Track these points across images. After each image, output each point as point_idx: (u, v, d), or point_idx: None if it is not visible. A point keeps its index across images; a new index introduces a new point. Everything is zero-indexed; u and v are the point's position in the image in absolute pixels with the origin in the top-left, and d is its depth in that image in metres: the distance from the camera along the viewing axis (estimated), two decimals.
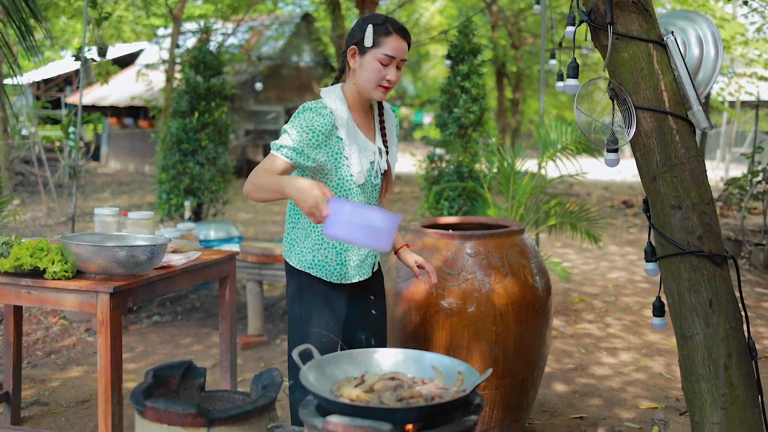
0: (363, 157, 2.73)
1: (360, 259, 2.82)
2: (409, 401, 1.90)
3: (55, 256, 2.78)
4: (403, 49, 2.64)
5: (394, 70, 2.64)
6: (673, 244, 2.52)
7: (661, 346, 5.38)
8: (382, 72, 2.63)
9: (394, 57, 2.62)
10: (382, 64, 2.62)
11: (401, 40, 2.64)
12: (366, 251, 2.84)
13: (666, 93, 2.55)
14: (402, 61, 2.65)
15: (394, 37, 2.62)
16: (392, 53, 2.61)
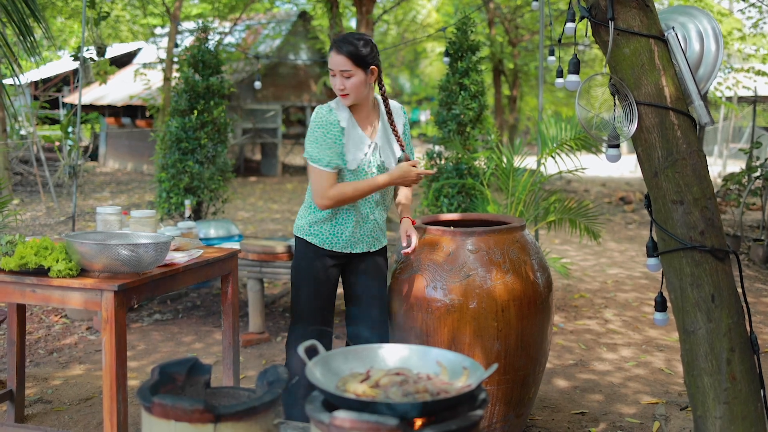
0: (357, 149, 3.25)
1: (350, 235, 3.33)
2: (415, 396, 1.91)
3: (59, 254, 2.78)
4: (336, 61, 3.11)
5: (338, 80, 3.15)
6: (675, 239, 2.54)
7: (661, 341, 5.40)
8: (334, 82, 3.17)
9: (333, 69, 3.14)
10: (332, 76, 3.17)
11: (335, 55, 3.12)
12: (360, 230, 3.34)
13: (667, 88, 2.56)
14: (342, 71, 3.12)
15: (331, 53, 3.15)
16: (331, 66, 3.16)
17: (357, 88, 3.15)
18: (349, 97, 3.18)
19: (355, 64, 3.11)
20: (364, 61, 3.13)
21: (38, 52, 5.17)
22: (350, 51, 3.11)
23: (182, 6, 13.95)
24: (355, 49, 3.11)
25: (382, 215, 3.44)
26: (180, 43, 13.07)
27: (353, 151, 3.25)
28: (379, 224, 3.42)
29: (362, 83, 3.15)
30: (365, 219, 3.35)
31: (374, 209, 3.37)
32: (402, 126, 3.45)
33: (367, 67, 3.15)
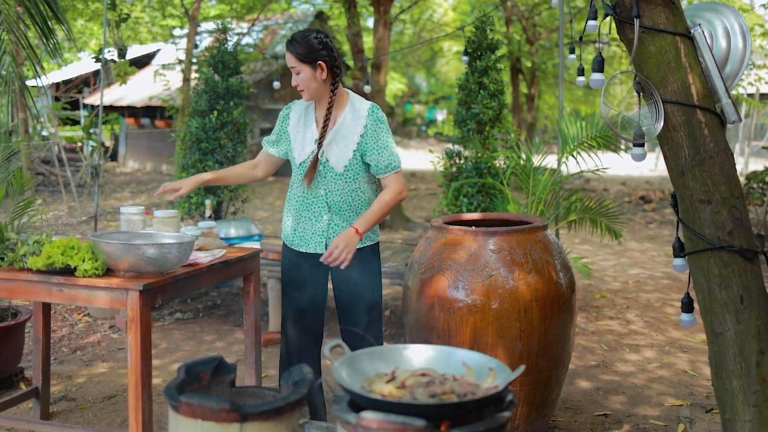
0: (305, 144, 3.28)
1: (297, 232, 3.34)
2: (441, 397, 1.90)
3: (85, 254, 2.80)
4: (287, 59, 3.17)
5: (294, 77, 3.20)
6: (703, 239, 2.51)
7: (684, 342, 5.36)
8: (293, 79, 3.23)
9: (288, 67, 3.18)
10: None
11: (287, 53, 3.17)
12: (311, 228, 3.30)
13: (694, 86, 2.54)
14: (292, 68, 3.16)
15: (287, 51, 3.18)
16: (287, 64, 3.19)
17: (306, 83, 3.16)
18: (304, 93, 3.21)
19: (299, 60, 3.14)
20: (309, 57, 3.14)
21: (60, 53, 5.21)
22: (294, 48, 3.14)
23: (200, 7, 13.99)
24: (299, 46, 3.14)
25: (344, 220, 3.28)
26: (199, 44, 13.11)
27: (299, 147, 3.29)
28: (343, 228, 3.28)
29: (310, 79, 3.16)
30: (316, 218, 3.28)
31: (326, 211, 3.27)
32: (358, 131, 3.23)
33: (314, 63, 3.14)
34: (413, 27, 22.07)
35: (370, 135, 3.22)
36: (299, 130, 3.32)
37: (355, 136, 3.22)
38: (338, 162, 3.22)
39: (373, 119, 3.23)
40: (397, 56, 23.89)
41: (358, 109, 3.26)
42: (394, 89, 28.32)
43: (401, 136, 35.69)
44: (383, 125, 3.25)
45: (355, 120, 3.23)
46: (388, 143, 3.24)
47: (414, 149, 30.40)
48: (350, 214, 3.29)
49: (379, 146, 3.22)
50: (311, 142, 3.27)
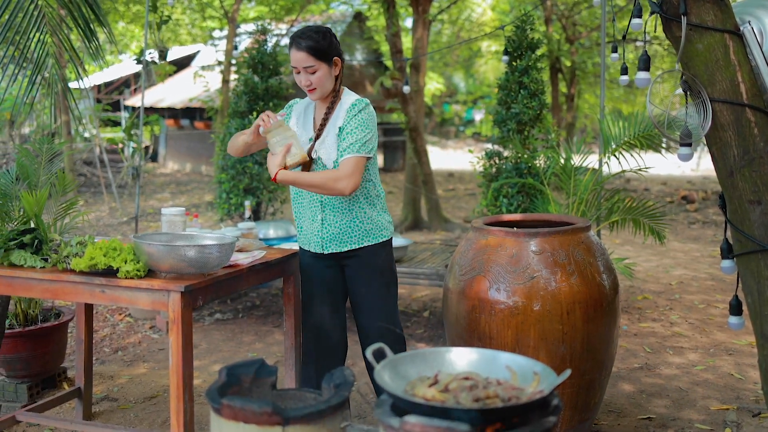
0: (302, 143, 3.24)
1: (306, 232, 3.31)
2: (485, 402, 1.87)
3: (127, 255, 2.82)
4: (300, 58, 3.07)
5: (303, 76, 3.11)
6: (753, 240, 2.45)
7: (729, 345, 5.25)
8: (299, 79, 3.14)
9: (296, 66, 3.10)
10: (296, 73, 3.14)
11: (295, 52, 3.08)
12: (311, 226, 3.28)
13: (743, 84, 2.48)
14: (305, 67, 3.08)
15: (292, 50, 3.10)
16: (293, 64, 3.11)
17: (322, 81, 3.11)
18: (316, 92, 3.15)
19: (317, 58, 3.07)
20: (326, 54, 3.09)
21: (102, 55, 5.27)
22: (310, 45, 3.06)
23: (240, 9, 14.09)
24: (315, 43, 3.06)
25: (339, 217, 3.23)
26: (238, 46, 13.20)
27: (298, 146, 3.22)
28: (337, 226, 3.23)
29: (327, 76, 3.12)
30: (312, 218, 3.26)
31: (320, 210, 3.23)
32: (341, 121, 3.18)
33: (330, 59, 3.11)
34: (452, 27, 21.99)
35: (345, 126, 3.16)
36: (298, 129, 3.30)
37: (335, 129, 3.18)
38: (328, 158, 3.18)
39: (352, 112, 3.16)
40: (435, 56, 23.83)
41: (344, 103, 3.21)
42: (432, 89, 28.24)
43: (439, 136, 35.62)
44: (360, 114, 3.15)
45: (339, 114, 3.20)
46: (356, 130, 3.13)
47: (452, 149, 30.33)
48: (344, 213, 3.22)
49: (347, 133, 3.14)
50: (306, 141, 3.25)
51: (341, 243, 3.25)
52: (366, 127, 3.15)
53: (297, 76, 3.15)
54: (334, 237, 3.25)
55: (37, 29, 4.70)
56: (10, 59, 4.66)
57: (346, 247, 3.26)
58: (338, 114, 3.20)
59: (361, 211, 3.24)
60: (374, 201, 3.29)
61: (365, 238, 3.26)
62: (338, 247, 3.26)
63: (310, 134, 3.26)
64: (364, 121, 3.15)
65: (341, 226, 3.23)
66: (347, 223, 3.23)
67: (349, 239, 3.25)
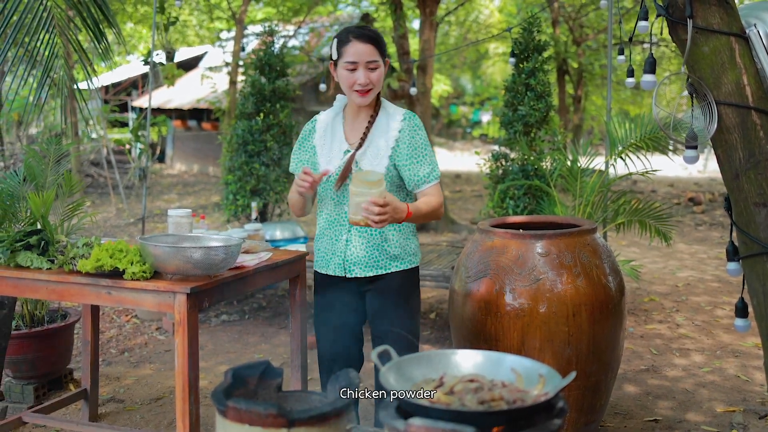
0: (331, 156, 2.95)
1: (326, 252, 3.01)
2: (491, 404, 1.87)
3: (133, 257, 2.82)
4: (364, 51, 2.79)
5: (362, 73, 2.80)
6: (758, 243, 2.45)
7: (735, 347, 5.24)
8: (351, 78, 2.82)
9: (357, 61, 2.79)
10: (348, 70, 2.82)
11: (362, 44, 2.79)
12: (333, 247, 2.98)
13: (749, 87, 2.47)
14: (369, 62, 2.80)
15: (353, 43, 2.79)
16: (353, 58, 2.79)
17: (380, 81, 2.84)
18: (370, 95, 2.85)
19: (380, 53, 2.81)
20: (385, 52, 2.84)
21: (110, 56, 5.28)
22: (374, 38, 2.80)
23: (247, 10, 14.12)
24: (378, 37, 2.82)
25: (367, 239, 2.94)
26: (245, 47, 13.23)
27: (325, 161, 2.95)
28: (363, 248, 2.95)
29: (383, 75, 2.84)
30: (336, 237, 2.97)
31: (346, 230, 2.95)
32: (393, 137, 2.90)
33: (384, 59, 2.86)
34: (459, 29, 21.99)
35: (405, 143, 2.89)
36: (326, 143, 2.99)
37: (389, 142, 2.90)
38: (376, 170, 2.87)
39: (409, 126, 2.91)
40: (442, 58, 23.84)
41: (392, 114, 2.94)
42: (440, 91, 28.25)
43: (446, 138, 35.60)
44: (421, 132, 2.93)
45: (389, 125, 2.91)
46: (426, 152, 2.91)
47: (459, 151, 30.32)
48: (374, 235, 2.94)
49: (416, 155, 2.89)
50: (339, 154, 2.94)
51: (366, 267, 2.96)
52: (429, 145, 2.95)
53: (350, 75, 2.82)
54: (359, 260, 2.96)
55: (46, 30, 4.71)
56: (20, 60, 4.68)
57: (372, 272, 2.96)
58: (386, 125, 2.93)
59: (390, 234, 2.96)
60: (404, 225, 3.01)
61: (392, 264, 2.97)
62: (363, 272, 2.96)
63: (344, 146, 2.95)
64: (426, 138, 2.94)
65: (368, 248, 2.95)
66: (375, 246, 2.95)
67: (375, 263, 2.96)
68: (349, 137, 2.98)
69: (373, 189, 2.57)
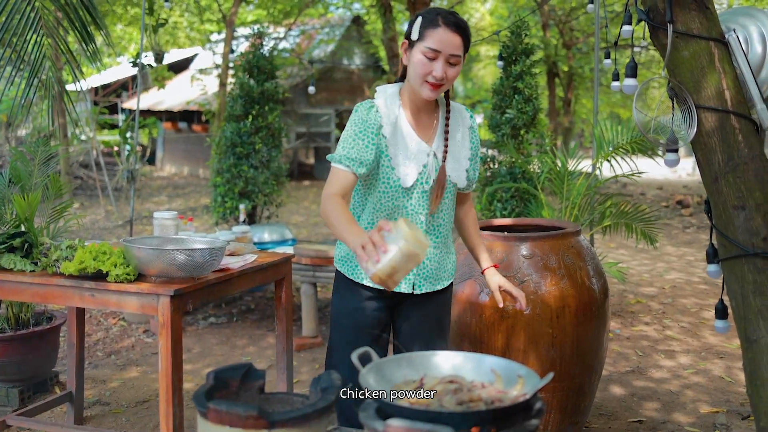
0: (412, 159, 2.54)
1: None
2: (469, 405, 1.89)
3: (117, 259, 2.83)
4: (452, 42, 2.39)
5: (441, 65, 2.39)
6: (737, 245, 2.47)
7: (720, 348, 5.27)
8: (427, 67, 2.41)
9: (440, 51, 2.38)
10: (427, 57, 2.40)
11: (451, 34, 2.39)
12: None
13: (728, 92, 2.50)
14: (452, 56, 2.40)
15: (442, 29, 2.39)
16: (436, 46, 2.38)
17: (454, 80, 2.48)
18: (440, 89, 2.47)
19: (465, 49, 2.46)
20: (469, 47, 2.49)
21: (99, 58, 5.28)
22: (465, 30, 2.44)
23: (238, 12, 14.12)
24: (468, 30, 2.45)
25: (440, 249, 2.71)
26: (235, 49, 13.23)
27: (406, 163, 2.54)
28: (435, 260, 2.70)
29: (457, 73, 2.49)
30: None
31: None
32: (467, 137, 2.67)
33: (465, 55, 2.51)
34: None
35: (474, 141, 2.69)
36: (398, 139, 2.54)
37: (465, 150, 2.65)
38: (458, 177, 2.63)
39: (474, 122, 2.70)
40: None
41: (460, 111, 2.67)
42: None
43: None
44: (478, 132, 2.73)
45: (461, 128, 2.65)
46: (478, 154, 2.73)
47: None
48: (446, 244, 2.73)
49: (477, 157, 2.71)
50: (421, 155, 2.55)
51: (435, 281, 2.71)
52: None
53: (427, 63, 2.42)
54: (430, 274, 2.69)
55: (34, 31, 4.71)
56: (7, 61, 4.67)
57: (440, 286, 2.72)
58: (459, 126, 2.66)
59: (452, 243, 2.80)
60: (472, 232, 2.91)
61: (445, 276, 2.76)
62: (432, 286, 2.70)
63: (423, 146, 2.56)
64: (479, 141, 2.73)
65: (439, 259, 2.71)
66: (444, 254, 2.74)
67: (437, 275, 2.71)
68: (424, 135, 2.59)
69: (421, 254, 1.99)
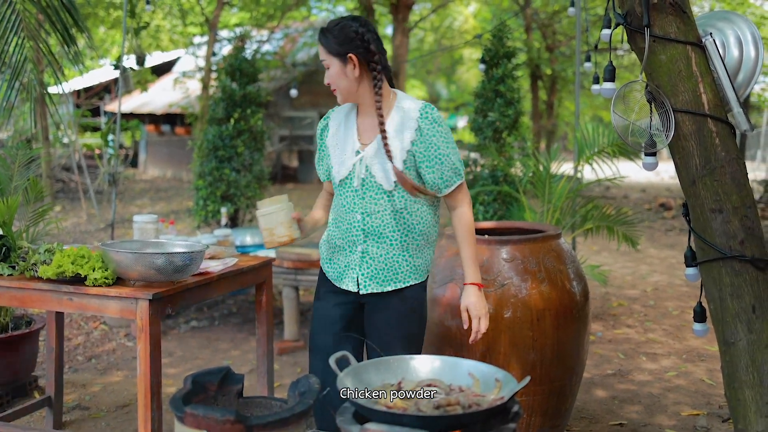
0: (345, 159, 2.73)
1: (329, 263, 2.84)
2: (446, 409, 1.89)
3: (95, 263, 2.81)
4: (320, 51, 2.69)
5: (326, 73, 2.70)
6: (714, 248, 2.49)
7: (702, 351, 5.30)
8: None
9: (322, 61, 2.70)
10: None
11: (318, 44, 2.70)
12: (344, 260, 2.76)
13: (705, 95, 2.51)
14: (324, 62, 2.69)
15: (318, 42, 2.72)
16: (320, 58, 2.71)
17: (335, 80, 2.65)
18: (337, 93, 2.69)
19: (328, 51, 2.64)
20: (339, 49, 2.61)
21: (81, 61, 5.26)
22: (324, 38, 2.66)
23: (221, 15, 14.09)
24: (330, 36, 2.64)
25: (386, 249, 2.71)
26: (218, 52, 13.20)
27: (339, 160, 2.74)
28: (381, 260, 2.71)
29: (339, 75, 2.63)
30: (350, 249, 2.74)
31: (361, 241, 2.72)
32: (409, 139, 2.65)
33: (344, 56, 2.61)
34: (434, 34, 22.09)
35: (425, 141, 2.64)
36: (338, 142, 2.76)
37: (404, 143, 2.65)
38: (384, 177, 2.66)
39: (427, 121, 2.64)
40: (417, 63, 23.90)
41: (407, 110, 2.68)
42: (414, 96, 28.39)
43: None
44: (440, 127, 2.65)
45: (404, 123, 2.66)
46: (448, 150, 2.66)
47: None
48: (395, 246, 2.70)
49: (440, 155, 2.65)
50: (351, 154, 2.71)
51: (384, 282, 2.73)
52: (453, 144, 2.71)
53: None
54: (375, 274, 2.73)
55: (15, 33, 4.68)
56: None
57: (390, 287, 2.73)
58: (404, 123, 2.67)
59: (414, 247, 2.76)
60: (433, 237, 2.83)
61: (408, 277, 2.74)
62: (380, 287, 2.73)
63: (355, 145, 2.72)
64: (448, 136, 2.69)
65: (387, 260, 2.72)
66: (394, 257, 2.73)
67: (394, 277, 2.73)
68: (362, 136, 2.74)
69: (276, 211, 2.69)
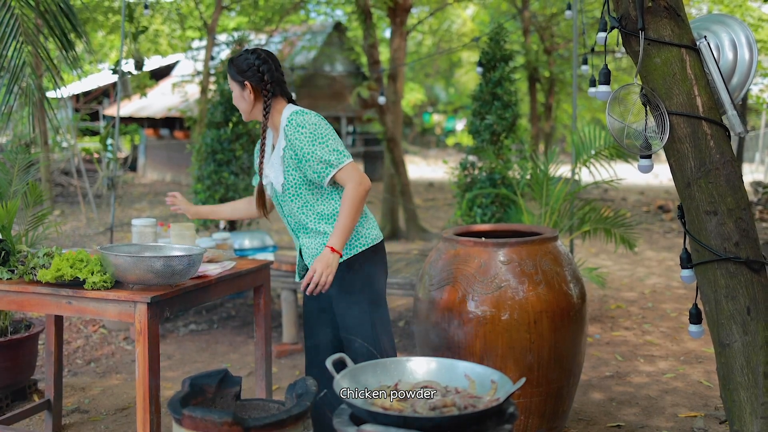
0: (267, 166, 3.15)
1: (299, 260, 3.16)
2: (442, 410, 1.90)
3: (94, 266, 2.82)
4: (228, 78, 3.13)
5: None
6: (709, 250, 2.50)
7: (700, 353, 5.31)
8: None
9: None
10: None
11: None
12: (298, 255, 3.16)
13: (700, 98, 2.53)
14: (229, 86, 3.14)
15: None
16: None
17: (236, 101, 3.09)
18: (244, 114, 3.13)
19: (231, 78, 3.08)
20: (237, 77, 3.04)
21: (80, 65, 5.27)
22: (228, 67, 3.10)
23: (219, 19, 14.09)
24: (231, 65, 3.07)
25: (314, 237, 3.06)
26: (216, 56, 13.21)
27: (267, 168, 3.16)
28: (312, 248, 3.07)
29: (238, 98, 3.07)
30: (296, 245, 3.16)
31: (297, 236, 3.14)
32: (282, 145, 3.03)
33: (242, 83, 3.03)
34: (432, 37, 22.12)
35: (291, 145, 2.96)
36: (267, 153, 3.19)
37: (279, 151, 3.04)
38: (277, 182, 3.05)
39: (291, 127, 2.94)
40: (415, 66, 23.95)
41: (281, 121, 3.03)
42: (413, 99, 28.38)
43: (420, 146, 35.71)
44: (302, 129, 2.92)
45: (281, 134, 3.04)
46: (313, 148, 2.91)
47: (433, 159, 30.42)
48: (317, 234, 3.06)
49: (304, 153, 2.92)
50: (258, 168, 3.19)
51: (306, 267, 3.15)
52: (321, 139, 2.93)
53: None
54: (311, 261, 3.08)
55: (14, 38, 4.70)
56: None
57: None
58: (280, 135, 3.05)
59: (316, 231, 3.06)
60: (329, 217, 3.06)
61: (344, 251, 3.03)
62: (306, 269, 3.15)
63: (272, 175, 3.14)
64: (313, 135, 2.93)
65: (317, 246, 3.06)
66: (320, 241, 3.05)
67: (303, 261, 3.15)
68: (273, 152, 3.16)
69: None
